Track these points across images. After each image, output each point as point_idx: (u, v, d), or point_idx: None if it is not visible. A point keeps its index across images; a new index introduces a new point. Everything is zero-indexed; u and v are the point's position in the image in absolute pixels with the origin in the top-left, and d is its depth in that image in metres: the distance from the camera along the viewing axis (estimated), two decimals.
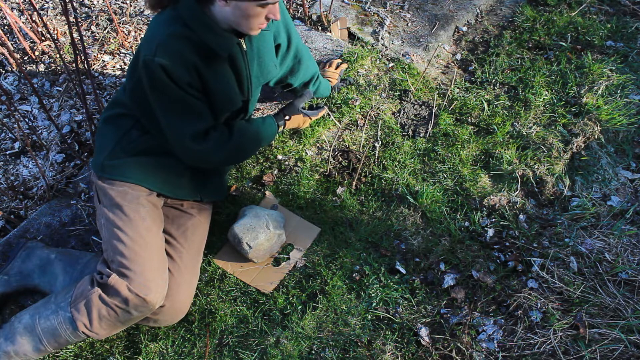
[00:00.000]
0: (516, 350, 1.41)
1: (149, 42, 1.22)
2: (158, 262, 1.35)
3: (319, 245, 1.66)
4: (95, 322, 1.28)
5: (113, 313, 1.28)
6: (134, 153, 1.40)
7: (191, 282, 1.44)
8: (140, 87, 1.30)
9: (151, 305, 1.30)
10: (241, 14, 1.17)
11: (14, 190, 1.80)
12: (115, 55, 2.28)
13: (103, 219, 1.38)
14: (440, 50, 2.37)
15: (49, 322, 1.29)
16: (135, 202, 1.37)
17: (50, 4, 2.50)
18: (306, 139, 1.91)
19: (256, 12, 1.17)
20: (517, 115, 2.04)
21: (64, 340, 1.31)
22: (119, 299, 1.27)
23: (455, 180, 1.85)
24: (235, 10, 1.16)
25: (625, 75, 2.18)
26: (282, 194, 1.79)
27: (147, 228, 1.36)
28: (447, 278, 1.58)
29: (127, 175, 1.38)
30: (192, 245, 1.47)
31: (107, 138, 1.42)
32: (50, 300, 1.34)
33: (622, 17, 2.51)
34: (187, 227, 1.49)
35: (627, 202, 1.79)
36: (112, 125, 1.44)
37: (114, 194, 1.37)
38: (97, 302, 1.28)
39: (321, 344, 1.45)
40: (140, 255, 1.31)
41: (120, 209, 1.36)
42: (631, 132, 2.04)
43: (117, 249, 1.31)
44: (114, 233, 1.33)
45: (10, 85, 2.15)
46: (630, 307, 1.44)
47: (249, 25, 1.21)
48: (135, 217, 1.35)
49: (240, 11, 1.16)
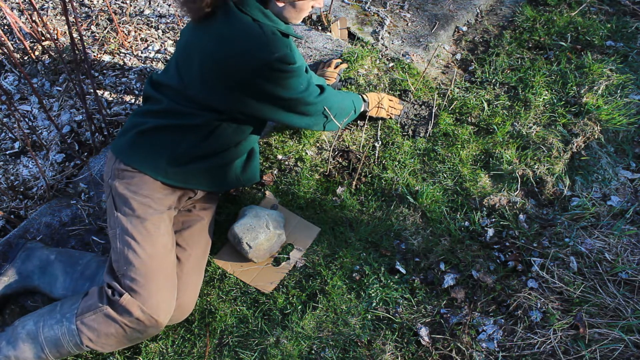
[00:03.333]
0: (516, 350, 1.41)
1: (247, 48, 1.27)
2: (171, 281, 1.33)
3: (319, 245, 1.66)
4: (102, 339, 1.27)
5: (121, 331, 1.27)
6: (188, 160, 1.41)
7: (197, 283, 1.44)
8: (240, 94, 1.35)
9: (161, 326, 1.29)
10: (294, 10, 1.35)
11: (14, 190, 1.80)
12: (115, 55, 2.28)
13: (118, 229, 1.33)
14: (440, 50, 2.37)
15: (52, 332, 1.28)
16: (157, 216, 1.36)
17: (50, 4, 2.50)
18: (306, 139, 1.91)
19: (308, 5, 1.37)
20: (517, 115, 2.04)
21: (66, 351, 1.29)
22: (130, 318, 1.25)
23: (455, 180, 1.85)
24: (288, 7, 1.34)
25: (625, 75, 2.18)
26: (282, 194, 1.79)
27: (164, 245, 1.34)
28: (447, 278, 1.58)
29: (188, 182, 1.42)
30: (198, 246, 1.48)
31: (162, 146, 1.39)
32: (56, 309, 1.32)
33: (622, 17, 2.51)
34: (195, 229, 1.49)
35: (627, 202, 1.79)
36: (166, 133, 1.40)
37: (135, 205, 1.34)
38: (105, 319, 1.26)
39: (321, 343, 1.45)
40: (156, 274, 1.29)
41: (140, 222, 1.32)
42: (631, 132, 2.04)
43: (131, 263, 1.28)
44: (131, 246, 1.30)
45: (10, 85, 2.15)
46: (630, 307, 1.44)
47: (299, 17, 1.39)
48: (155, 232, 1.33)
49: (295, 7, 1.34)
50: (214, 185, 1.50)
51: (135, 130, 1.40)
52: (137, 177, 1.37)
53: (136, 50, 2.31)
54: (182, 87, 1.38)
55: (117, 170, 1.39)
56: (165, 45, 2.35)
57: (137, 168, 1.37)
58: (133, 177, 1.37)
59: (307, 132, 1.91)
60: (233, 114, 1.41)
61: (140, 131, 1.39)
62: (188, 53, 1.37)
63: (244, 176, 1.56)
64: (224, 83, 1.32)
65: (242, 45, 1.27)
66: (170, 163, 1.38)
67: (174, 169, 1.39)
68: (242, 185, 1.61)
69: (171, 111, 1.39)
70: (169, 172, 1.39)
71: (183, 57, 1.39)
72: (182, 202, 1.50)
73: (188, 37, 1.40)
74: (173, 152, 1.39)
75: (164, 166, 1.38)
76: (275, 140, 1.90)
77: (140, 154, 1.38)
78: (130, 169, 1.38)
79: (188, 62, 1.36)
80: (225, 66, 1.29)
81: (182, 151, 1.39)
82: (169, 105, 1.39)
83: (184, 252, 1.43)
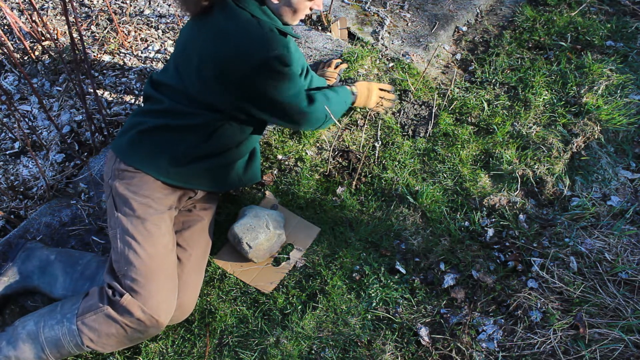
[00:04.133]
0: (516, 350, 1.41)
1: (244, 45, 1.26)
2: (172, 281, 1.33)
3: (319, 245, 1.66)
4: (103, 339, 1.27)
5: (122, 331, 1.27)
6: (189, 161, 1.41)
7: (197, 283, 1.44)
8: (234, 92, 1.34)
9: (161, 326, 1.29)
10: (291, 10, 1.33)
11: (14, 190, 1.80)
12: (115, 55, 2.28)
13: (119, 229, 1.33)
14: (440, 50, 2.37)
15: (53, 332, 1.28)
16: (157, 216, 1.35)
17: (50, 4, 2.50)
18: (306, 139, 1.91)
19: (305, 5, 1.34)
20: (517, 115, 2.04)
21: (67, 351, 1.29)
22: (131, 318, 1.25)
23: (455, 180, 1.85)
24: (285, 6, 1.32)
25: (625, 75, 2.18)
26: (282, 194, 1.79)
27: (165, 245, 1.34)
28: (447, 278, 1.58)
29: (189, 182, 1.42)
30: (199, 246, 1.48)
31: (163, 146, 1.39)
32: (56, 309, 1.32)
33: (622, 17, 2.51)
34: (196, 229, 1.49)
35: (627, 202, 1.79)
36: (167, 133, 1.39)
37: (136, 205, 1.34)
38: (106, 319, 1.26)
39: (321, 344, 1.45)
40: (156, 274, 1.29)
41: (141, 222, 1.32)
42: (631, 132, 2.04)
43: (131, 264, 1.28)
44: (131, 246, 1.30)
45: (10, 85, 2.15)
46: (630, 307, 1.44)
47: (297, 17, 1.37)
48: (156, 232, 1.33)
49: (291, 6, 1.32)
50: (215, 185, 1.50)
51: (135, 130, 1.40)
52: (138, 177, 1.37)
53: (136, 50, 2.31)
54: (182, 87, 1.37)
55: (117, 170, 1.39)
56: (165, 45, 2.35)
57: (137, 168, 1.37)
58: (133, 177, 1.37)
59: (307, 132, 1.91)
60: (233, 113, 1.40)
61: (140, 131, 1.39)
62: (186, 51, 1.37)
63: (245, 176, 1.55)
64: (221, 80, 1.31)
65: (239, 42, 1.26)
66: (171, 163, 1.38)
67: (174, 169, 1.39)
68: (243, 186, 1.61)
69: (172, 111, 1.39)
70: (170, 172, 1.39)
71: (182, 55, 1.38)
72: (183, 202, 1.50)
73: (186, 35, 1.39)
74: (174, 152, 1.38)
75: (165, 166, 1.38)
76: (275, 140, 1.90)
77: (141, 153, 1.38)
78: (130, 169, 1.37)
79: (187, 61, 1.36)
80: (223, 63, 1.28)
81: (183, 151, 1.39)
82: (170, 105, 1.39)
83: (184, 252, 1.43)
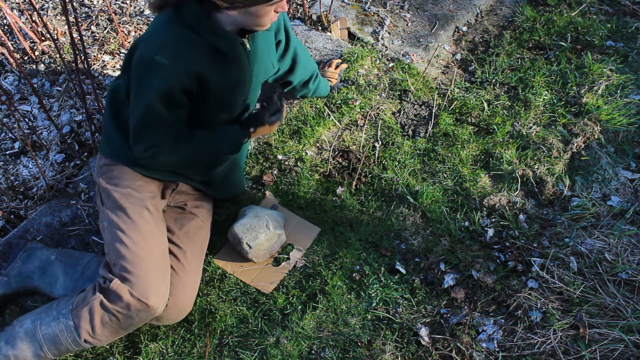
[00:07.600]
0: (516, 350, 1.41)
1: (149, 40, 1.21)
2: (161, 266, 1.34)
3: (319, 245, 1.66)
4: (98, 329, 1.28)
5: (115, 319, 1.28)
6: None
7: (195, 281, 1.44)
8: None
9: (152, 310, 1.29)
10: (252, 16, 1.19)
11: (14, 190, 1.80)
12: (115, 55, 2.28)
13: (106, 222, 1.37)
14: (440, 50, 2.37)
15: (50, 329, 1.29)
16: (139, 205, 1.37)
17: (50, 4, 2.50)
18: (306, 139, 1.91)
19: (267, 10, 1.19)
20: (517, 115, 2.04)
21: (65, 347, 1.30)
22: (121, 304, 1.26)
23: (455, 180, 1.85)
24: (245, 14, 1.18)
25: (625, 75, 2.18)
26: (282, 194, 1.79)
27: (150, 232, 1.36)
28: (447, 278, 1.58)
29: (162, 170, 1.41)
30: (195, 245, 1.48)
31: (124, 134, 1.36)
32: (52, 306, 1.33)
33: (622, 17, 2.51)
34: (190, 227, 1.49)
35: (627, 202, 1.79)
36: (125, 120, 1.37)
37: (117, 196, 1.36)
38: (98, 308, 1.27)
39: (321, 344, 1.45)
40: (143, 259, 1.31)
41: (124, 212, 1.35)
42: (631, 132, 2.04)
43: (119, 253, 1.31)
44: (117, 236, 1.33)
45: (10, 85, 2.15)
46: (630, 307, 1.44)
47: (262, 23, 1.22)
48: (139, 220, 1.35)
49: (251, 14, 1.18)
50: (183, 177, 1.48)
51: (111, 123, 1.42)
52: (117, 170, 1.40)
53: None
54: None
55: (100, 167, 1.44)
56: None
57: (112, 159, 1.40)
58: (113, 170, 1.40)
59: (307, 132, 1.91)
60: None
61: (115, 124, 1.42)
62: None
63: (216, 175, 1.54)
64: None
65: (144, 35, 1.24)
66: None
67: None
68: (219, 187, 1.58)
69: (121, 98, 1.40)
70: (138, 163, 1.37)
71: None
72: (169, 194, 1.50)
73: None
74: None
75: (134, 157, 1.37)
76: (275, 140, 1.90)
77: (114, 145, 1.40)
78: (109, 162, 1.41)
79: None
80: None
81: None
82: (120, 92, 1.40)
83: (179, 250, 1.44)
